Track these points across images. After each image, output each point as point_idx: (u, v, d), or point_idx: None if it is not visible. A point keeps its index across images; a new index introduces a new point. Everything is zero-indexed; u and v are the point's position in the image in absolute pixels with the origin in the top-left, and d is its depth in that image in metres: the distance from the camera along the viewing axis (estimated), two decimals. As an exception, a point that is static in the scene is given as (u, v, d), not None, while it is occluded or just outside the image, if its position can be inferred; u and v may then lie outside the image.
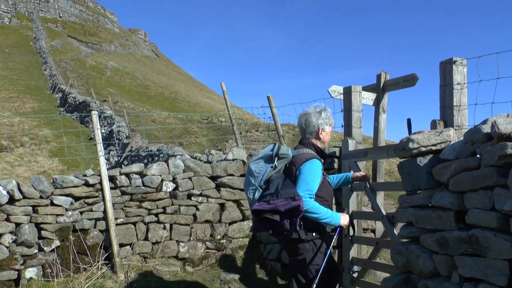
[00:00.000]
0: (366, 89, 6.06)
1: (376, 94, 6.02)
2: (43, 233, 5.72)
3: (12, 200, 5.55)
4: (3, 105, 28.64)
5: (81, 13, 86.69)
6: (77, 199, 5.96)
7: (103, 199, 6.03)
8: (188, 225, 6.51)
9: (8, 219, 5.52)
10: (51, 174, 14.87)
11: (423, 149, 3.32)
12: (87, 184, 6.03)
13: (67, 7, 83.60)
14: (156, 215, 6.36)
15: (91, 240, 6.00)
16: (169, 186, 6.43)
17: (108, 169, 6.22)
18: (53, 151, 18.82)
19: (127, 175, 6.28)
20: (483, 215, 2.71)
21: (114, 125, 20.78)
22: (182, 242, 6.46)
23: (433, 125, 4.20)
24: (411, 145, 3.34)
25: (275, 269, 6.27)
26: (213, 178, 6.72)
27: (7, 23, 71.66)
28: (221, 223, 6.67)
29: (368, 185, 4.63)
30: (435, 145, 3.29)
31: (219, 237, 6.64)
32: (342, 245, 5.25)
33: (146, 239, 6.31)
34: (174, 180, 6.49)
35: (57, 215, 5.80)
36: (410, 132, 4.24)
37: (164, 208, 6.39)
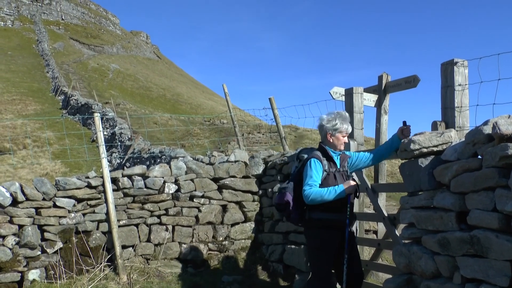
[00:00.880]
0: (367, 90, 6.06)
1: (377, 96, 6.02)
2: (46, 235, 5.74)
3: (15, 202, 5.58)
4: (5, 107, 28.68)
5: (83, 15, 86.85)
6: (79, 201, 5.98)
7: (106, 201, 6.04)
8: (190, 226, 6.52)
9: (11, 221, 5.54)
10: (54, 176, 14.89)
11: (425, 150, 3.32)
12: (89, 186, 6.04)
13: (69, 10, 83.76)
14: (159, 216, 6.37)
15: (93, 242, 6.01)
16: (171, 188, 6.44)
17: (110, 171, 6.24)
18: (55, 153, 18.84)
19: (130, 177, 6.30)
20: (484, 216, 2.72)
21: (116, 127, 20.79)
22: (185, 243, 6.47)
23: (434, 126, 4.21)
24: (412, 146, 3.35)
25: (277, 271, 6.27)
26: (215, 180, 6.73)
27: (10, 25, 71.82)
28: (223, 224, 6.68)
29: (370, 187, 4.64)
30: (436, 146, 3.30)
31: (221, 238, 6.65)
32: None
33: (148, 240, 6.32)
34: (176, 182, 6.50)
35: (60, 217, 5.83)
36: None
37: (166, 209, 6.41)
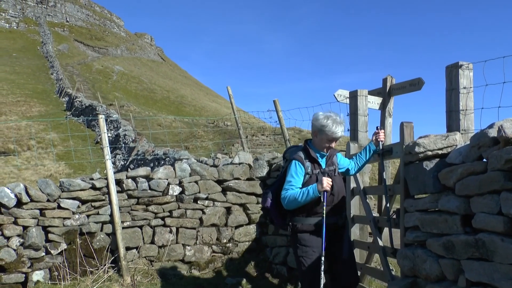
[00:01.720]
0: (372, 93, 6.05)
1: (382, 98, 6.02)
2: (50, 236, 5.75)
3: (19, 203, 5.59)
4: (10, 109, 28.81)
5: (87, 17, 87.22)
6: (84, 202, 6.00)
7: (110, 203, 6.05)
8: (194, 228, 6.52)
9: (15, 222, 5.56)
10: (58, 178, 14.93)
11: (429, 153, 3.32)
12: (94, 188, 6.06)
13: (74, 12, 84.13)
14: (163, 218, 6.38)
15: (97, 243, 6.02)
16: (175, 190, 6.44)
17: (114, 172, 6.25)
18: (59, 154, 18.90)
19: (134, 178, 6.31)
20: (489, 219, 2.71)
21: (120, 129, 20.85)
22: (189, 245, 6.48)
23: (401, 127, 4.08)
24: (417, 149, 3.34)
25: (281, 273, 6.27)
26: (219, 182, 6.73)
27: (15, 27, 72.23)
28: (227, 226, 6.68)
29: (362, 189, 4.71)
30: (441, 149, 3.29)
31: (225, 240, 6.65)
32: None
33: (152, 242, 6.33)
34: (180, 184, 6.51)
35: (64, 218, 5.84)
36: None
37: (170, 211, 6.41)
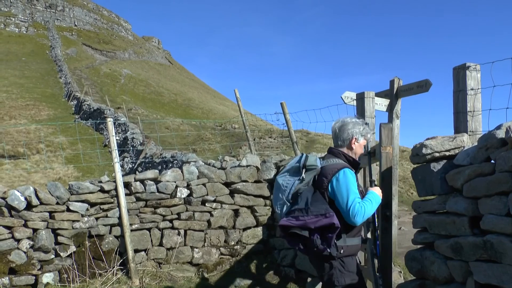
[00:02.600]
0: (379, 95, 6.05)
1: (389, 100, 6.02)
2: (60, 238, 5.80)
3: (29, 206, 5.64)
4: (20, 112, 29.03)
5: (95, 21, 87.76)
6: (92, 205, 6.04)
7: (118, 205, 6.09)
8: (202, 231, 6.54)
9: (25, 225, 5.61)
10: (66, 181, 15.04)
11: (437, 154, 3.31)
12: (102, 191, 6.09)
13: (82, 16, 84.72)
14: (171, 221, 6.41)
15: (106, 246, 6.06)
16: (183, 192, 6.47)
17: (123, 175, 6.29)
18: (68, 158, 19.02)
19: (142, 181, 6.34)
20: (498, 220, 2.70)
21: (128, 132, 20.93)
22: (197, 248, 6.50)
23: (380, 129, 4.08)
24: (424, 150, 3.34)
25: (289, 275, 6.27)
26: (227, 185, 6.75)
27: (24, 32, 72.83)
28: (235, 229, 6.69)
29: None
30: (448, 150, 3.29)
31: (233, 243, 6.66)
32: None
33: (160, 245, 6.35)
34: (188, 187, 6.53)
35: (73, 221, 5.88)
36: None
37: (178, 214, 6.43)
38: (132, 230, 6.15)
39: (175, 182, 6.47)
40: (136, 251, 6.19)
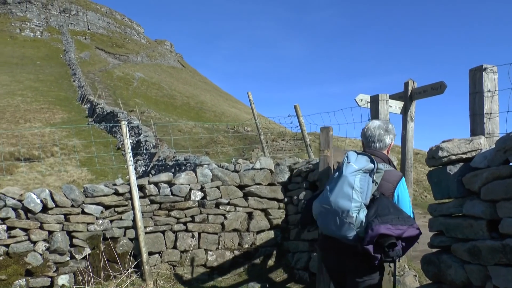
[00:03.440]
0: (393, 97, 6.02)
1: (403, 103, 5.98)
2: (75, 241, 5.84)
3: (45, 209, 5.70)
4: (34, 116, 29.39)
5: (108, 25, 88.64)
6: (107, 207, 6.08)
7: (133, 208, 6.12)
8: (216, 233, 6.55)
9: (41, 227, 5.68)
10: (80, 184, 15.18)
11: (453, 157, 3.28)
12: (117, 193, 6.13)
13: (95, 20, 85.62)
14: (185, 223, 6.42)
15: (120, 248, 6.10)
16: (197, 195, 6.49)
17: (137, 178, 6.32)
18: (82, 160, 19.20)
19: (156, 184, 6.37)
20: (517, 224, 2.67)
21: (141, 135, 21.07)
22: (210, 250, 6.50)
23: (323, 131, 4.04)
24: (440, 153, 3.31)
25: (303, 278, 6.24)
26: (240, 187, 6.75)
27: (39, 36, 73.87)
28: (249, 232, 6.69)
29: None
30: (465, 153, 3.25)
31: (247, 246, 6.66)
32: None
33: (174, 247, 6.37)
34: (202, 189, 6.54)
35: (88, 223, 5.93)
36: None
37: (192, 216, 6.45)
38: (146, 233, 6.17)
39: (189, 185, 6.49)
40: (150, 253, 6.22)
